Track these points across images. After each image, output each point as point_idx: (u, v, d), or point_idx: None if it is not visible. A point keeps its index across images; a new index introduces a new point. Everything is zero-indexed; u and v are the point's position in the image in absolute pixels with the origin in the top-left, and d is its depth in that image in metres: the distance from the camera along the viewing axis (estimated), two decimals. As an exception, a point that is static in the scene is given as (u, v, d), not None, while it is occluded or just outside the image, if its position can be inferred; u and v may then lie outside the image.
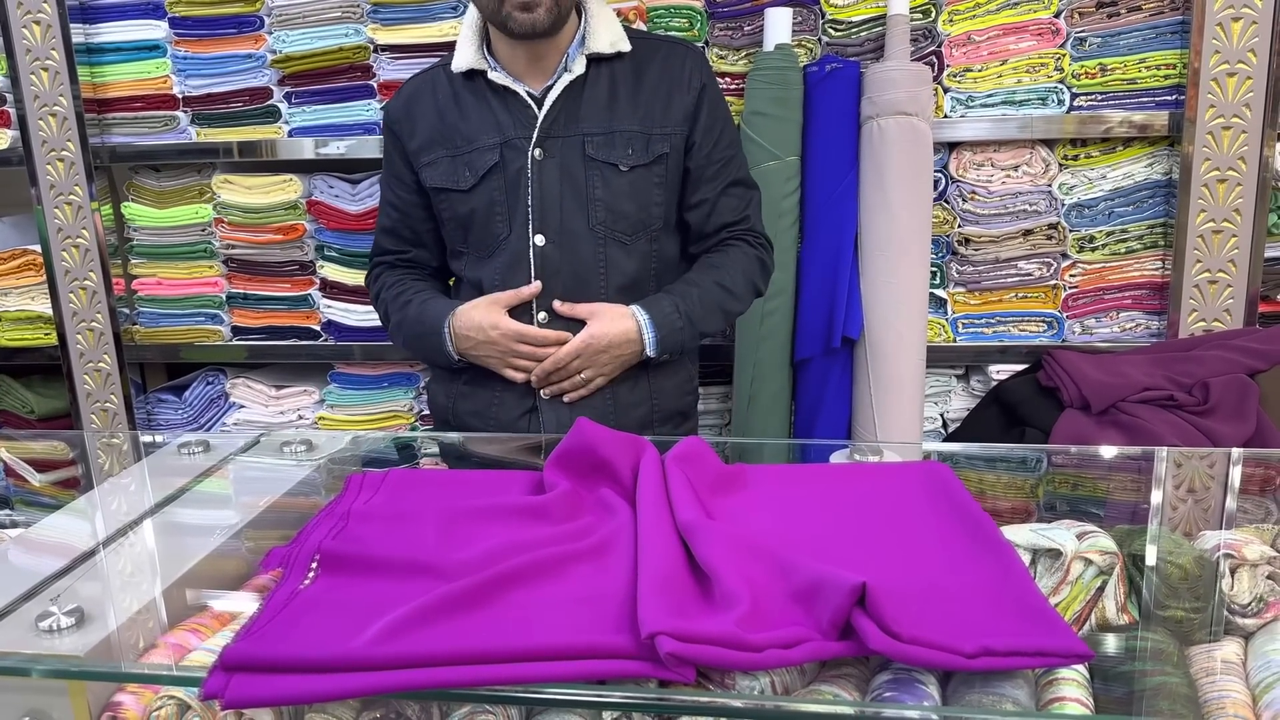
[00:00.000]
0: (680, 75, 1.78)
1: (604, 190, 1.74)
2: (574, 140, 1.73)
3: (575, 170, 1.73)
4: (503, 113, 1.75)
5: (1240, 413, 1.91)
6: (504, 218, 1.76)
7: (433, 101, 1.80)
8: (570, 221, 1.74)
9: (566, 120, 1.73)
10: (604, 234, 1.75)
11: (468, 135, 1.76)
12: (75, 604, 0.98)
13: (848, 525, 1.12)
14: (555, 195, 1.73)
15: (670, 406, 1.86)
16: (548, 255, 1.74)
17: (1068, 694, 0.86)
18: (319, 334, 2.65)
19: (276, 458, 1.46)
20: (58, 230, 2.61)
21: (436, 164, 1.79)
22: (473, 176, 1.75)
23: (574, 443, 1.23)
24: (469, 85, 1.78)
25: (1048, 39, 2.25)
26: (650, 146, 1.75)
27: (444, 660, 0.86)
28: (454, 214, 1.80)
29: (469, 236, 1.80)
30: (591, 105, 1.74)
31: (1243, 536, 1.08)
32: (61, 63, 2.50)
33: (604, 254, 1.76)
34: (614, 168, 1.74)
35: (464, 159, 1.76)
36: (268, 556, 1.13)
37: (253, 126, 2.55)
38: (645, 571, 0.95)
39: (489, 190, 1.75)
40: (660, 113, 1.76)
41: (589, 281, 1.76)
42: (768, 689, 0.88)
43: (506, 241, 1.76)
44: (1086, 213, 2.32)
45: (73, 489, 1.55)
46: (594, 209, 1.74)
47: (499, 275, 1.77)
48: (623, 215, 1.75)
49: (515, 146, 1.74)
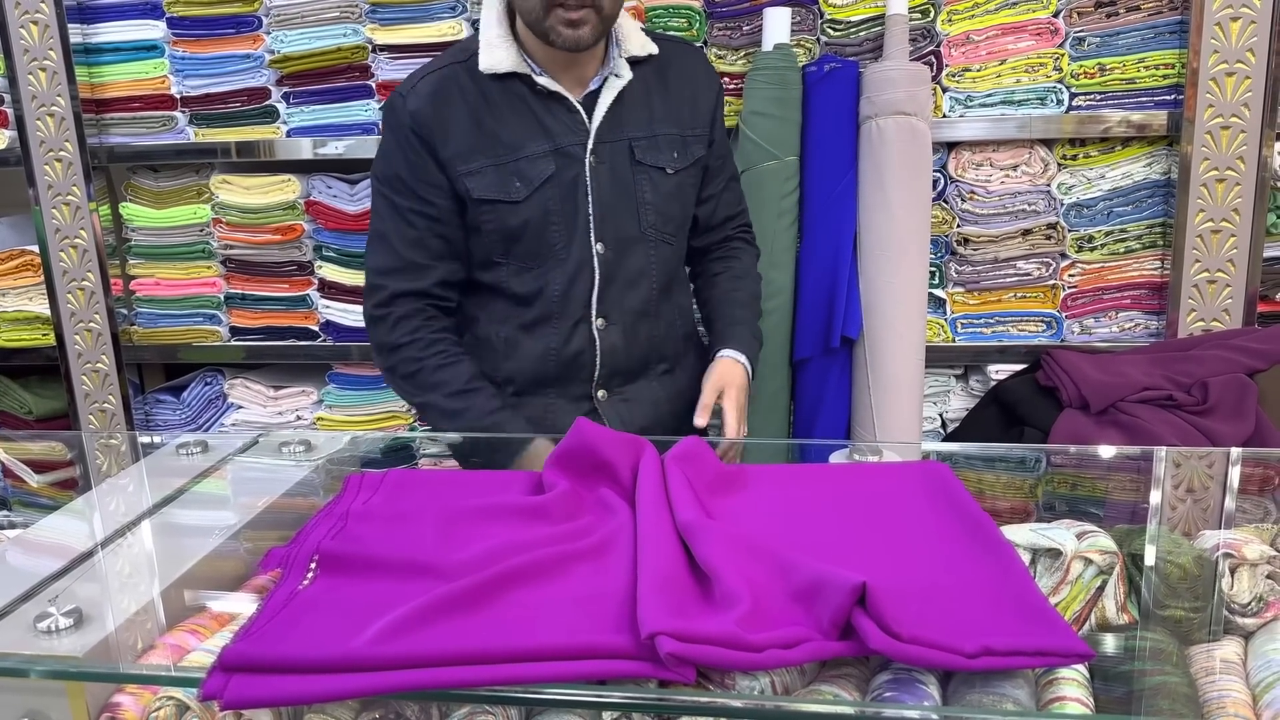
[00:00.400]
0: (700, 75, 1.82)
1: (652, 194, 1.74)
2: (621, 145, 1.72)
3: (625, 175, 1.72)
4: (549, 119, 1.69)
5: (1239, 412, 1.90)
6: (560, 227, 1.71)
7: (462, 103, 1.68)
8: (624, 227, 1.73)
9: (612, 125, 1.71)
10: (654, 237, 1.76)
11: (510, 143, 1.68)
12: (74, 605, 0.98)
13: (847, 525, 1.12)
14: (610, 201, 1.72)
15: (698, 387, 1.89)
16: (607, 262, 1.73)
17: (1068, 694, 0.86)
18: (317, 334, 2.65)
19: (275, 458, 1.46)
20: (55, 231, 2.60)
21: (481, 174, 1.68)
22: (525, 187, 1.68)
23: (573, 443, 1.23)
24: (501, 88, 1.68)
25: (1046, 39, 2.25)
26: (688, 149, 1.77)
27: (443, 660, 0.86)
28: (501, 226, 1.70)
29: (514, 248, 1.72)
30: (632, 109, 1.73)
31: (1242, 536, 1.08)
32: (59, 63, 2.49)
33: (654, 256, 1.77)
34: (661, 171, 1.75)
35: (511, 168, 1.68)
36: (266, 557, 1.12)
37: (251, 127, 2.55)
38: (645, 571, 0.95)
39: (543, 200, 1.69)
40: (689, 114, 1.78)
41: (639, 284, 1.77)
42: (768, 689, 0.88)
43: (564, 251, 1.71)
44: (1085, 212, 2.32)
45: (71, 490, 1.54)
46: (644, 213, 1.74)
47: (559, 286, 1.72)
48: (670, 217, 1.77)
49: (568, 154, 1.69)
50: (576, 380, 1.78)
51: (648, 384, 1.84)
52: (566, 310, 1.74)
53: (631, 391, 1.82)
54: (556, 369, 1.77)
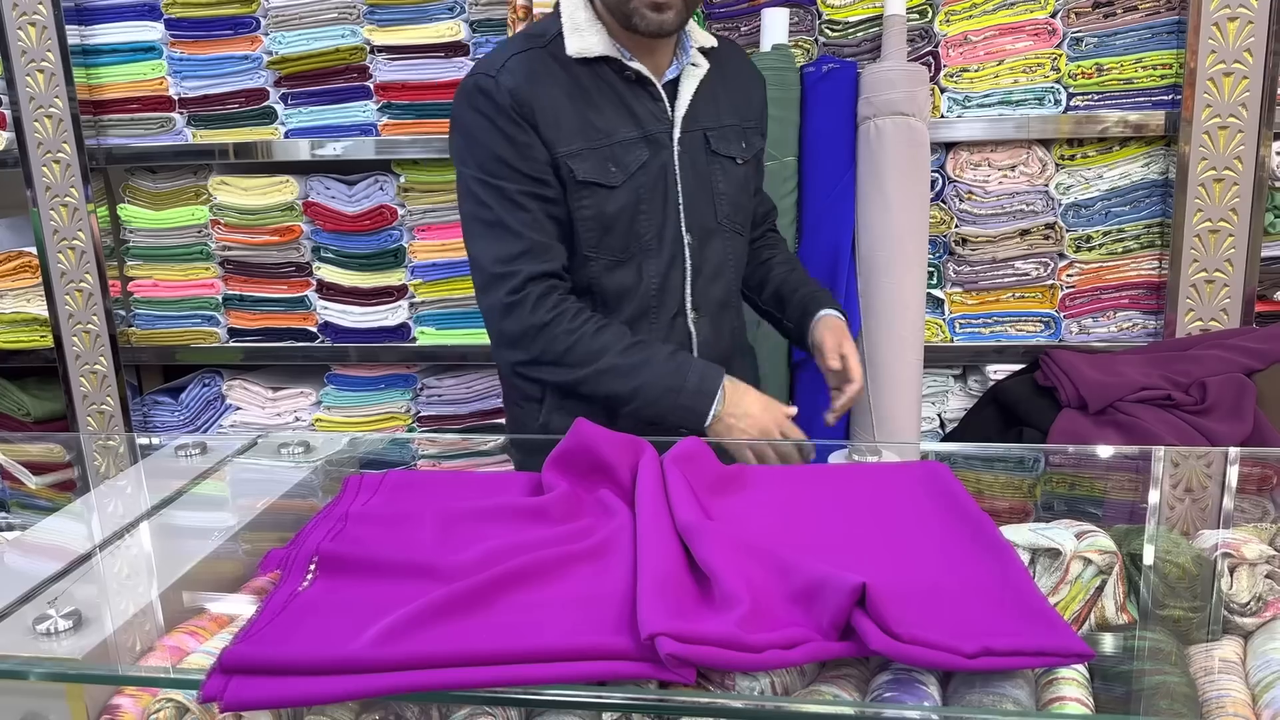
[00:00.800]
0: (749, 71, 1.83)
1: (726, 184, 1.73)
2: (697, 135, 1.70)
3: (702, 165, 1.70)
4: (636, 104, 1.66)
5: (1237, 412, 1.91)
6: (649, 216, 1.66)
7: (555, 84, 1.62)
8: (705, 218, 1.71)
9: (689, 115, 1.69)
10: (730, 228, 1.75)
11: (604, 128, 1.63)
12: (72, 606, 0.98)
13: (847, 525, 1.12)
14: (693, 191, 1.69)
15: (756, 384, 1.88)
16: (695, 253, 1.71)
17: (1068, 694, 0.86)
18: (316, 335, 2.65)
19: (274, 460, 1.45)
20: (54, 232, 2.60)
21: (582, 156, 1.62)
22: (621, 172, 1.63)
23: (572, 443, 1.23)
24: (588, 71, 1.63)
25: (1044, 39, 2.25)
26: (750, 141, 1.77)
27: (443, 662, 0.85)
28: (598, 212, 1.63)
29: (606, 239, 1.65)
30: (702, 100, 1.71)
31: (1241, 536, 1.08)
32: (57, 64, 2.49)
33: (731, 248, 1.76)
34: (732, 161, 1.74)
35: (607, 153, 1.63)
36: (266, 558, 1.12)
37: (249, 128, 2.55)
38: (645, 572, 0.95)
39: (636, 187, 1.64)
40: (746, 106, 1.78)
41: (722, 276, 1.75)
42: (768, 690, 0.88)
43: (655, 241, 1.67)
44: (1083, 212, 2.32)
45: (69, 492, 1.54)
46: (720, 203, 1.72)
47: (656, 278, 1.68)
48: (741, 208, 1.76)
49: (656, 141, 1.66)
50: None
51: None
52: (664, 303, 1.69)
53: None
54: None
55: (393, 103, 2.47)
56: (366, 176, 2.53)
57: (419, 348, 2.60)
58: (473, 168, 1.63)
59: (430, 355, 2.62)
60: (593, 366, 1.60)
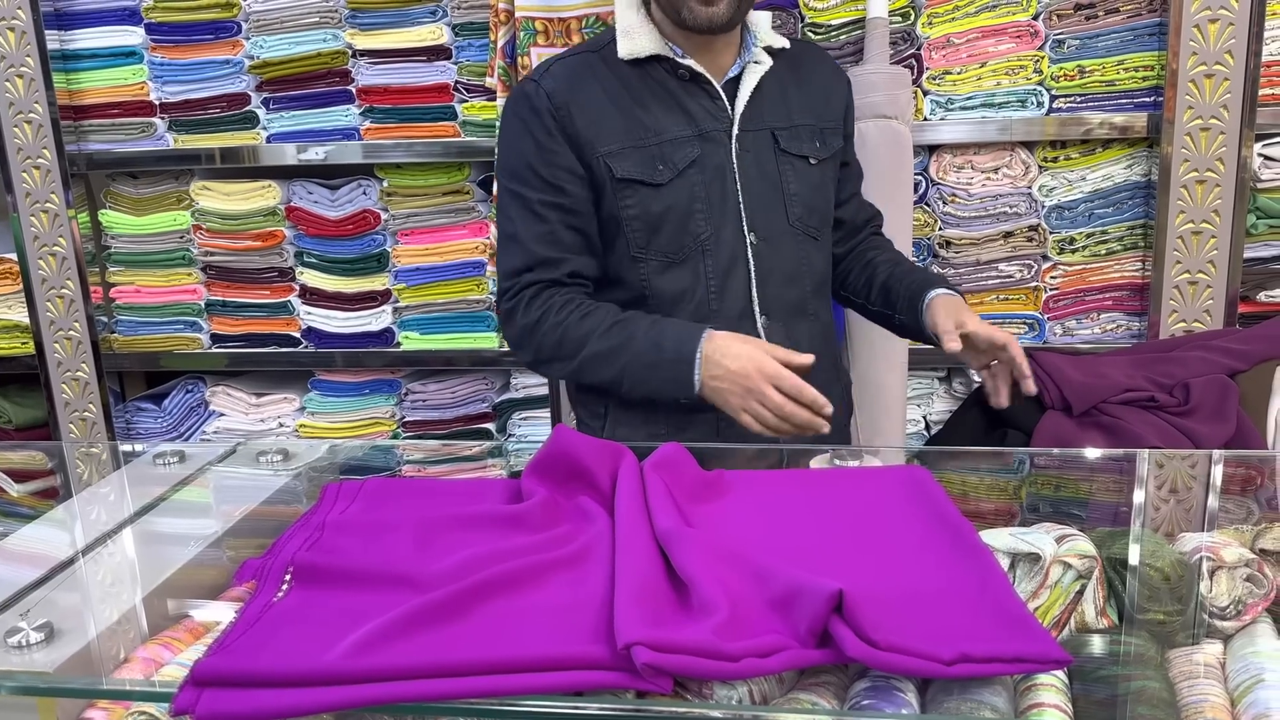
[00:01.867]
0: (832, 71, 1.80)
1: (798, 184, 1.67)
2: (764, 133, 1.65)
3: (769, 164, 1.66)
4: (690, 103, 1.63)
5: (1221, 413, 1.91)
6: (706, 215, 1.62)
7: (598, 86, 1.62)
8: (774, 219, 1.66)
9: (753, 114, 1.65)
10: (801, 230, 1.68)
11: (652, 126, 1.61)
12: (45, 618, 0.97)
13: (826, 531, 1.12)
14: (758, 191, 1.64)
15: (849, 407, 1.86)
16: (761, 254, 1.64)
17: (1046, 700, 0.86)
18: (299, 341, 2.64)
19: (253, 467, 1.45)
20: (34, 238, 2.59)
21: (623, 155, 1.60)
22: (669, 170, 1.60)
23: (552, 450, 1.23)
24: (639, 72, 1.63)
25: (1026, 41, 2.26)
26: (827, 140, 1.72)
27: (419, 673, 0.85)
28: (644, 211, 1.61)
29: (655, 239, 1.62)
30: (770, 99, 1.67)
31: (1221, 539, 1.08)
32: (37, 69, 2.48)
33: (804, 251, 1.69)
34: (805, 160, 1.68)
35: (653, 151, 1.60)
36: (241, 569, 1.11)
37: (231, 133, 2.54)
38: (622, 581, 0.95)
39: (688, 186, 1.61)
40: (823, 106, 1.73)
41: (796, 281, 1.68)
42: (746, 698, 0.87)
43: (713, 241, 1.62)
44: (1066, 214, 2.32)
45: (51, 499, 1.53)
46: (791, 204, 1.67)
47: (715, 279, 1.63)
48: (815, 210, 1.70)
49: (712, 139, 1.62)
50: None
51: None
52: (724, 306, 1.63)
53: None
54: None
55: (375, 107, 2.46)
56: (349, 181, 2.52)
57: (403, 353, 2.59)
58: (505, 176, 1.66)
59: (414, 360, 2.61)
60: (580, 356, 1.58)
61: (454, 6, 2.39)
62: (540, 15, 2.23)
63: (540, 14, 2.23)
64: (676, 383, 1.52)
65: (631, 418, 1.65)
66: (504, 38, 2.27)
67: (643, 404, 1.61)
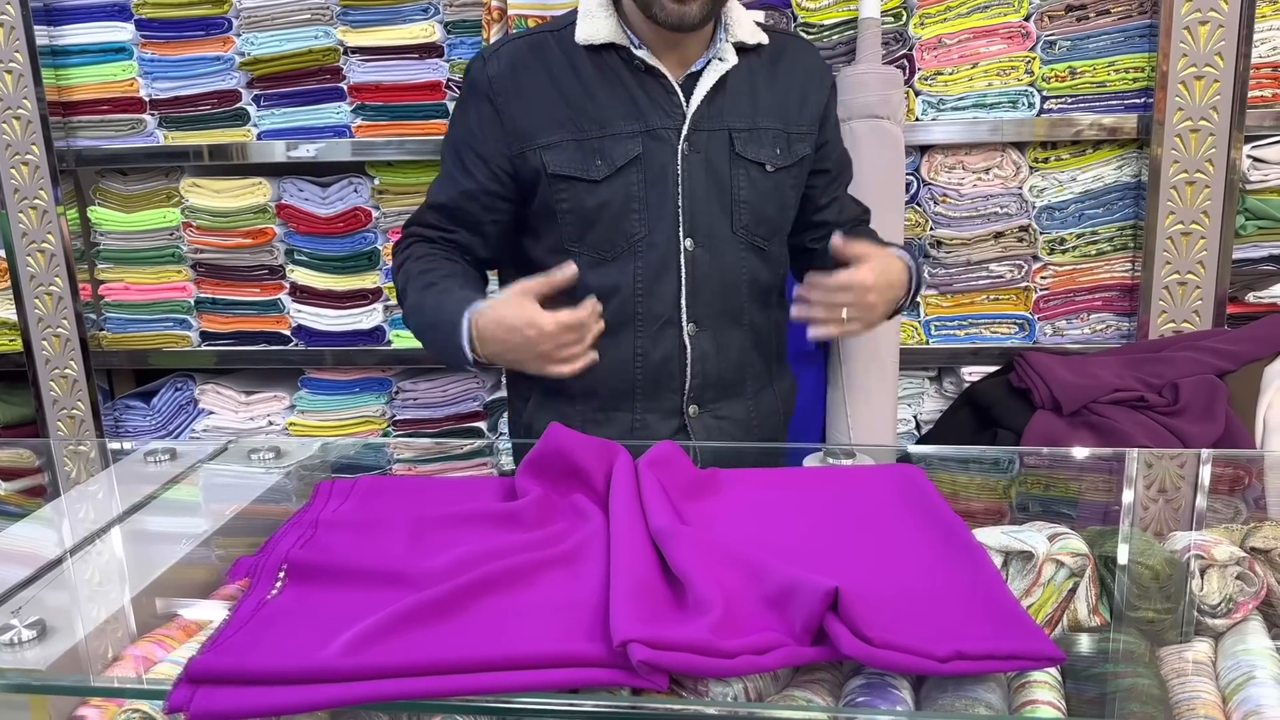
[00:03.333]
0: (812, 72, 1.70)
1: (749, 191, 1.62)
2: (720, 135, 1.59)
3: (721, 168, 1.60)
4: (643, 97, 1.57)
5: (1210, 413, 1.92)
6: (642, 216, 1.58)
7: (545, 72, 1.58)
8: (717, 225, 1.61)
9: (711, 113, 1.59)
10: (746, 238, 1.63)
11: (596, 118, 1.57)
12: (37, 616, 0.97)
13: (820, 529, 1.12)
14: (703, 195, 1.59)
15: (786, 411, 1.82)
16: (697, 260, 1.60)
17: (1040, 696, 0.87)
18: (289, 339, 2.63)
19: (244, 465, 1.44)
20: (22, 235, 2.57)
21: (560, 148, 1.57)
22: (607, 167, 1.56)
23: (546, 448, 1.23)
24: (596, 60, 1.58)
25: (1018, 42, 2.26)
26: (792, 146, 1.65)
27: (414, 670, 0.85)
28: (577, 206, 1.58)
29: (589, 234, 1.59)
30: (735, 98, 1.61)
31: (1212, 537, 1.08)
32: (25, 65, 2.46)
33: (746, 260, 1.64)
34: (760, 167, 1.62)
35: (594, 144, 1.56)
36: (234, 566, 1.11)
37: (221, 129, 2.53)
38: (618, 578, 0.95)
39: (625, 184, 1.57)
40: (796, 110, 1.66)
41: (733, 289, 1.64)
42: (741, 695, 0.87)
43: (645, 243, 1.59)
44: (1057, 215, 2.33)
45: (39, 498, 1.52)
46: (738, 211, 1.62)
47: (644, 281, 1.60)
48: (765, 219, 1.64)
49: (659, 137, 1.57)
50: (666, 392, 1.64)
51: (742, 403, 1.71)
52: (651, 310, 1.61)
53: (726, 409, 1.69)
54: (644, 378, 1.63)
55: (367, 104, 2.45)
56: (340, 179, 2.51)
57: (394, 351, 2.58)
58: (447, 143, 1.67)
59: (405, 359, 2.60)
60: (405, 309, 1.62)
61: (446, 4, 2.38)
62: (533, 13, 2.22)
63: (533, 11, 2.22)
64: (454, 353, 1.50)
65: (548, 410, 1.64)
66: (496, 35, 2.27)
67: (561, 393, 1.61)
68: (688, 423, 1.66)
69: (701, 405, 1.67)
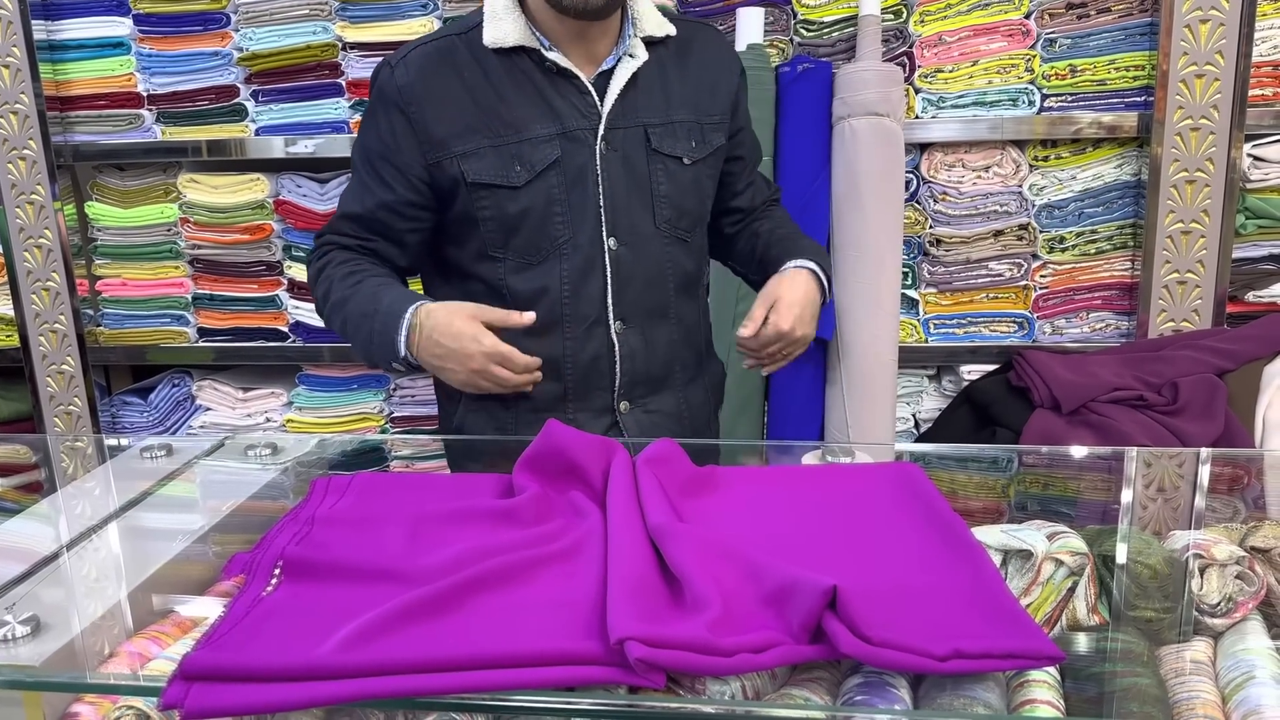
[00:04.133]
0: (721, 59, 1.69)
1: (669, 185, 1.61)
2: (635, 132, 1.58)
3: (639, 165, 1.59)
4: (557, 99, 1.55)
5: (1209, 412, 1.92)
6: (565, 218, 1.57)
7: (457, 78, 1.55)
8: (639, 221, 1.60)
9: (626, 110, 1.58)
10: (669, 232, 1.63)
11: (512, 123, 1.54)
12: (31, 612, 0.96)
13: (819, 527, 1.11)
14: (623, 193, 1.58)
15: (717, 398, 1.84)
16: (621, 259, 1.60)
17: (1039, 696, 0.86)
18: (287, 335, 2.62)
19: (241, 461, 1.44)
20: (19, 230, 2.56)
21: (478, 155, 1.54)
22: (527, 172, 1.55)
23: (544, 445, 1.22)
24: (506, 64, 1.55)
25: (1018, 40, 2.26)
26: (707, 137, 1.65)
27: (410, 668, 0.84)
28: (499, 213, 1.57)
29: (513, 240, 1.58)
30: (647, 94, 1.60)
31: (1212, 536, 1.08)
32: (23, 60, 2.46)
33: (670, 254, 1.64)
34: (678, 161, 1.62)
35: (512, 150, 1.54)
36: (230, 563, 1.11)
37: (219, 125, 2.52)
38: (615, 576, 0.94)
39: (546, 188, 1.56)
40: (708, 100, 1.65)
41: (658, 284, 1.64)
42: (738, 693, 0.87)
43: (570, 245, 1.58)
44: (1056, 213, 2.33)
45: (36, 494, 1.52)
46: (660, 206, 1.61)
47: (569, 282, 1.59)
48: (686, 211, 1.64)
49: (576, 139, 1.55)
50: (596, 390, 1.64)
51: (672, 395, 1.70)
52: (578, 311, 1.60)
53: (655, 403, 1.69)
54: (574, 378, 1.62)
55: (365, 100, 2.44)
56: (339, 174, 2.50)
57: (392, 348, 2.58)
58: (358, 151, 1.64)
59: (403, 355, 2.60)
60: (327, 308, 1.60)
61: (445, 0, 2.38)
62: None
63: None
64: (385, 345, 1.51)
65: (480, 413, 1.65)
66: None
67: (493, 395, 1.58)
68: (619, 419, 1.66)
69: (632, 401, 1.67)
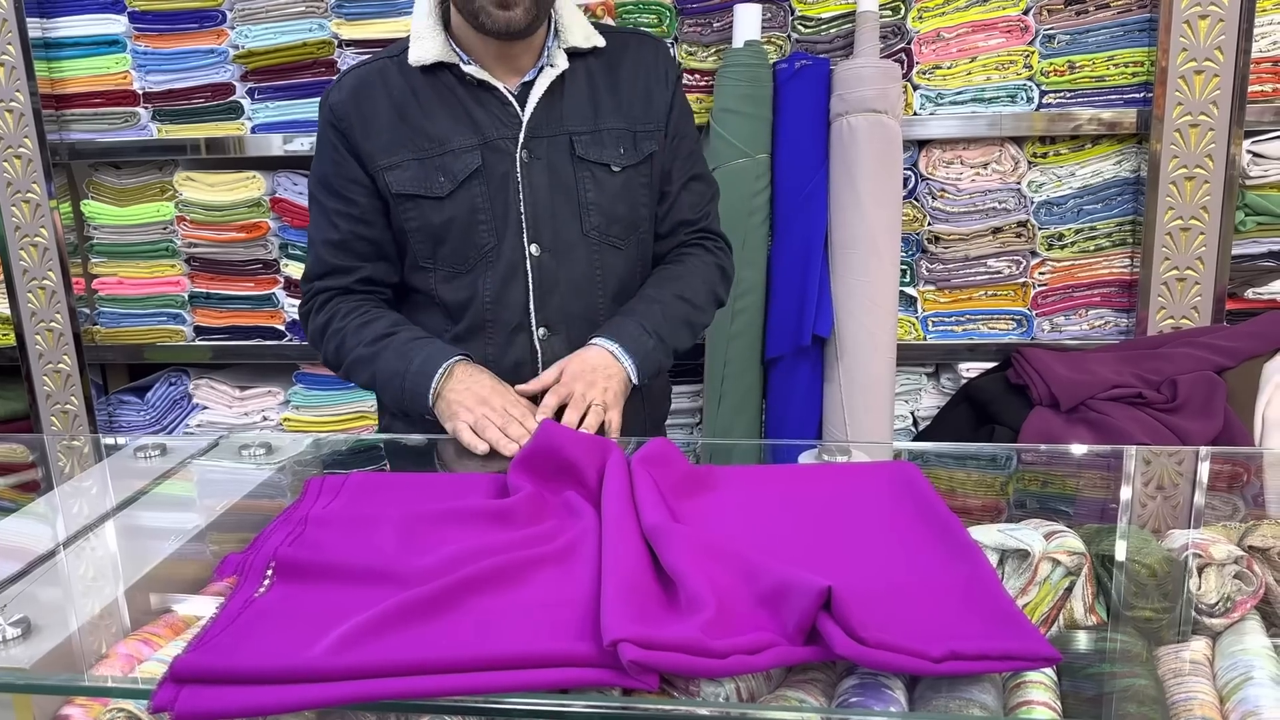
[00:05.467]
0: (656, 68, 1.70)
1: (596, 193, 1.64)
2: (560, 140, 1.62)
3: (564, 172, 1.62)
4: (478, 111, 1.60)
5: (1208, 410, 1.91)
6: (489, 227, 1.61)
7: (386, 97, 1.61)
8: (564, 228, 1.63)
9: (550, 119, 1.62)
10: (598, 239, 1.65)
11: (436, 136, 1.60)
12: (22, 613, 0.95)
13: (815, 527, 1.11)
14: (546, 200, 1.61)
15: (657, 412, 1.83)
16: (544, 265, 1.63)
17: (1035, 697, 0.85)
18: (283, 334, 2.62)
19: (235, 461, 1.43)
20: (15, 229, 2.56)
21: (403, 168, 1.61)
22: (450, 182, 1.59)
23: (539, 445, 1.22)
24: (431, 80, 1.61)
25: (1017, 36, 2.25)
26: (639, 145, 1.66)
27: (402, 670, 0.84)
28: (425, 224, 1.62)
29: (440, 250, 1.63)
30: (574, 102, 1.63)
31: (1210, 536, 1.07)
32: (18, 57, 2.45)
33: (599, 260, 1.66)
34: (605, 168, 1.64)
35: (435, 162, 1.60)
36: (223, 563, 1.10)
37: (215, 123, 2.52)
38: (609, 576, 0.94)
39: (469, 197, 1.60)
40: (642, 109, 1.67)
41: (586, 291, 1.66)
42: (733, 695, 0.86)
43: (495, 253, 1.62)
44: (1055, 210, 2.32)
45: (32, 493, 1.51)
46: (587, 213, 1.63)
47: (491, 291, 1.63)
48: (616, 218, 1.66)
49: (497, 148, 1.60)
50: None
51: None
52: (501, 317, 1.64)
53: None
54: None
55: (362, 98, 2.44)
56: (335, 173, 2.50)
57: (389, 346, 2.57)
58: (310, 180, 1.71)
59: (401, 353, 2.59)
60: (348, 360, 1.65)
61: (441, -3, 2.37)
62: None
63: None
64: (414, 394, 1.56)
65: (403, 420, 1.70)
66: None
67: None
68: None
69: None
